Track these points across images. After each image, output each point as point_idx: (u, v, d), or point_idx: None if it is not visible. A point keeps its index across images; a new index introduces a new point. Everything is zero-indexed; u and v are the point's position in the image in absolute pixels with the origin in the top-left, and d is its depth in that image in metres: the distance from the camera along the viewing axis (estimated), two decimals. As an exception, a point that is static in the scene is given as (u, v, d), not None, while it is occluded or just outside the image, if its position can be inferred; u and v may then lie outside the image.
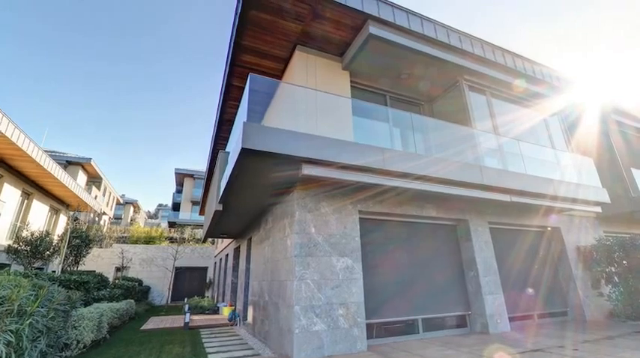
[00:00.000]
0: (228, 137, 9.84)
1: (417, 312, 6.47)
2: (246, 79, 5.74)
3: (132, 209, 50.65)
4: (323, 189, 5.99)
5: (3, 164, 11.39)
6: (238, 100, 8.08)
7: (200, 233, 25.18)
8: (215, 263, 20.04)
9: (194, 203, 37.31)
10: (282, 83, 6.98)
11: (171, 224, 35.83)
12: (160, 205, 73.18)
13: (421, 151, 6.76)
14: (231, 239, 13.33)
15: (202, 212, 19.32)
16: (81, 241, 11.86)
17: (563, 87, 9.13)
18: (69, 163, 23.48)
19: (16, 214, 12.97)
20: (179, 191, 39.96)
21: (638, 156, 10.09)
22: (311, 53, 7.25)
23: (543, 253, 8.54)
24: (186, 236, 21.48)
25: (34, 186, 13.67)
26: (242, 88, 7.51)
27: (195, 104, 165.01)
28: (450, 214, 7.31)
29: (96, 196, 24.40)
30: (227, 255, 14.70)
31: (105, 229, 25.15)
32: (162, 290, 19.16)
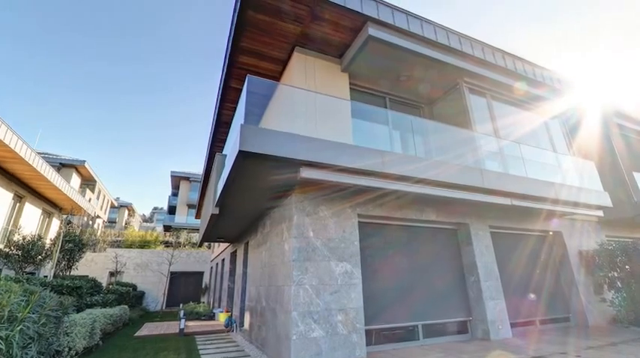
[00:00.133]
0: (225, 139, 9.73)
1: (417, 318, 6.38)
2: (243, 81, 5.68)
3: (126, 212, 50.21)
4: (322, 193, 5.90)
5: (-5, 166, 11.18)
6: (236, 102, 8.00)
7: (196, 237, 24.97)
8: (211, 267, 19.84)
9: (190, 206, 37.05)
10: (280, 85, 6.94)
11: (166, 228, 35.62)
12: (156, 208, 72.70)
13: (421, 154, 6.71)
14: (227, 243, 13.19)
15: (198, 215, 19.17)
16: (74, 245, 11.64)
17: (564, 89, 9.12)
18: (62, 165, 23.26)
19: (8, 217, 12.73)
20: (175, 194, 39.73)
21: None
22: (310, 55, 7.19)
23: (545, 258, 8.47)
24: (181, 240, 21.27)
25: (27, 189, 13.45)
26: (240, 90, 7.43)
27: (194, 104, 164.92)
28: (451, 218, 7.23)
29: (90, 199, 24.07)
30: (223, 260, 14.54)
31: (99, 233, 24.89)
32: (157, 295, 18.88)
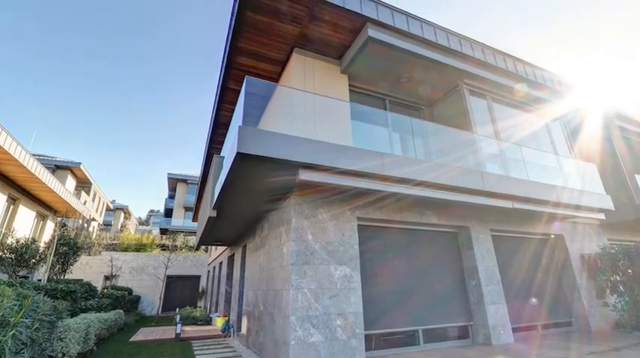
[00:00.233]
0: (223, 141, 9.66)
1: (418, 323, 6.29)
2: (242, 82, 5.64)
3: (122, 215, 49.98)
4: (320, 195, 5.83)
5: (-12, 168, 11.03)
6: (234, 103, 7.92)
7: (193, 240, 24.79)
8: (208, 271, 19.67)
9: (187, 209, 36.92)
10: (279, 86, 6.89)
11: (163, 231, 35.42)
12: (152, 211, 72.42)
13: (421, 156, 6.66)
14: (225, 246, 13.06)
15: (195, 218, 19.06)
16: (68, 248, 11.49)
17: (564, 91, 9.08)
18: (57, 167, 23.01)
19: (1, 220, 12.56)
20: (172, 196, 39.56)
21: (642, 162, 9.98)
22: (309, 56, 7.13)
23: (547, 261, 8.39)
24: (178, 243, 21.01)
25: (21, 191, 13.28)
26: (238, 91, 7.37)
27: (194, 105, 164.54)
28: (451, 221, 7.16)
29: (85, 202, 23.84)
30: (221, 263, 14.40)
31: (94, 236, 24.63)
32: (152, 299, 18.67)
